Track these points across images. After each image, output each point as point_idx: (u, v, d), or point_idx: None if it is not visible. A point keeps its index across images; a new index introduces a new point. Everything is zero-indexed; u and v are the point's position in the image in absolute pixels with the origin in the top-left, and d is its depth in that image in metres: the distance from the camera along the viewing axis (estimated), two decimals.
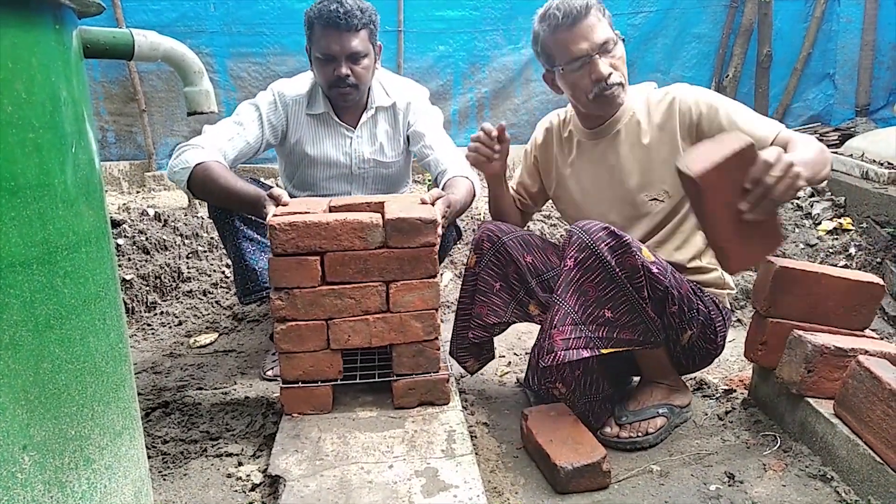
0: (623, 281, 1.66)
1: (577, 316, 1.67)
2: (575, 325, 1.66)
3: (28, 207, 0.92)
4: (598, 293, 1.67)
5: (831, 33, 4.45)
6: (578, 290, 1.67)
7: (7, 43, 0.88)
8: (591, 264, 1.66)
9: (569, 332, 1.66)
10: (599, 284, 1.66)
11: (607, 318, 1.68)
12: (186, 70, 1.25)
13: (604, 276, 1.66)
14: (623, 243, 1.65)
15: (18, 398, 0.93)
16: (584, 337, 1.67)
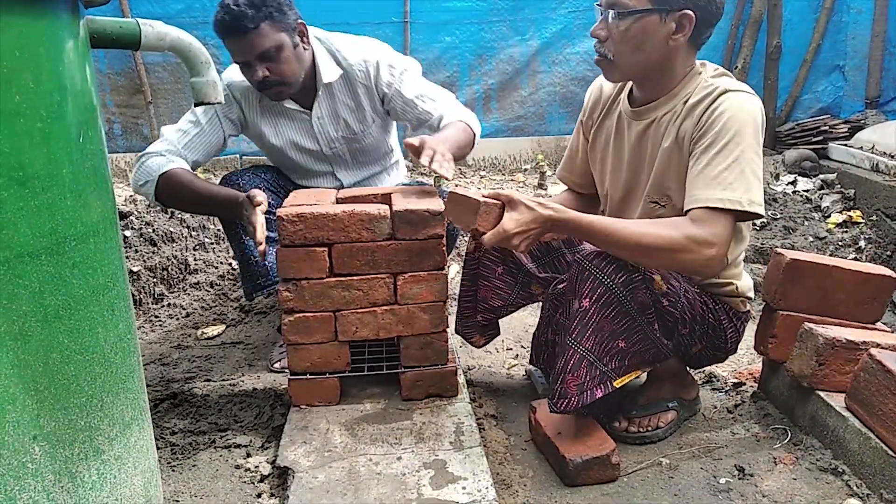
0: (636, 314, 1.62)
1: (591, 356, 1.62)
2: (590, 364, 1.62)
3: (36, 198, 0.92)
4: (612, 327, 1.62)
5: (841, 24, 4.41)
6: (595, 329, 1.61)
7: (15, 33, 0.87)
8: (607, 300, 1.59)
9: (583, 376, 1.62)
10: (614, 319, 1.61)
11: (620, 348, 1.64)
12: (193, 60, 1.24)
13: (619, 311, 1.61)
14: (633, 280, 1.59)
15: (28, 389, 0.93)
16: (597, 375, 1.63)
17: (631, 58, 1.61)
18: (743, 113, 1.54)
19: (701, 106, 1.59)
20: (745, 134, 1.53)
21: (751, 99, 1.57)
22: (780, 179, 3.82)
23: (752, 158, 1.53)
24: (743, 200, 1.51)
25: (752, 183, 1.53)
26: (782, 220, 3.39)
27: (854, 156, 3.78)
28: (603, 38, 1.61)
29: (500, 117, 4.47)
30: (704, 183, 1.53)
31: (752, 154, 1.53)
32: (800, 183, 3.76)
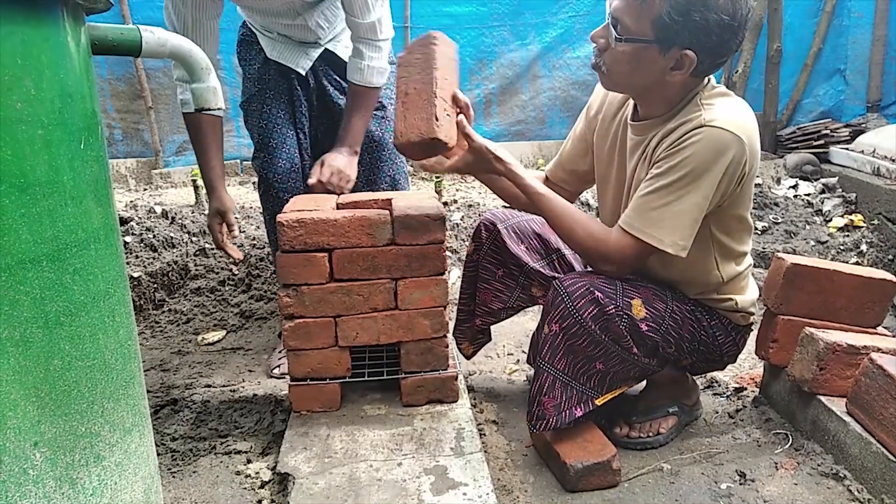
0: (609, 343, 1.62)
1: (565, 377, 1.64)
2: (565, 385, 1.64)
3: (37, 204, 0.92)
4: (585, 352, 1.62)
5: (842, 28, 4.42)
6: (565, 352, 1.63)
7: (16, 40, 0.87)
8: (575, 331, 1.61)
9: (559, 396, 1.64)
10: (587, 346, 1.62)
11: (598, 369, 1.65)
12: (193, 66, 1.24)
13: (590, 341, 1.61)
14: (606, 313, 1.58)
15: (29, 395, 0.93)
16: (575, 394, 1.64)
17: (624, 78, 1.58)
18: (708, 154, 1.49)
19: (674, 134, 1.54)
20: (700, 177, 1.50)
21: (724, 139, 1.49)
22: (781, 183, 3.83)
23: (694, 203, 1.52)
24: (666, 241, 1.54)
25: (685, 226, 1.54)
26: (783, 224, 3.39)
27: (855, 160, 3.78)
28: (602, 46, 1.56)
29: (501, 122, 4.48)
30: (641, 210, 1.56)
31: (696, 198, 1.52)
32: (801, 187, 3.76)
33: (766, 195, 3.59)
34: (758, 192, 3.56)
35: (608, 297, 1.60)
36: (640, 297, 1.64)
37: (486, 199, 3.66)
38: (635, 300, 1.62)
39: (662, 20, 1.44)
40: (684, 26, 1.44)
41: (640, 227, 1.56)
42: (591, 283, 1.61)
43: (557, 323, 1.62)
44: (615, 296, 1.61)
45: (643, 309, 1.63)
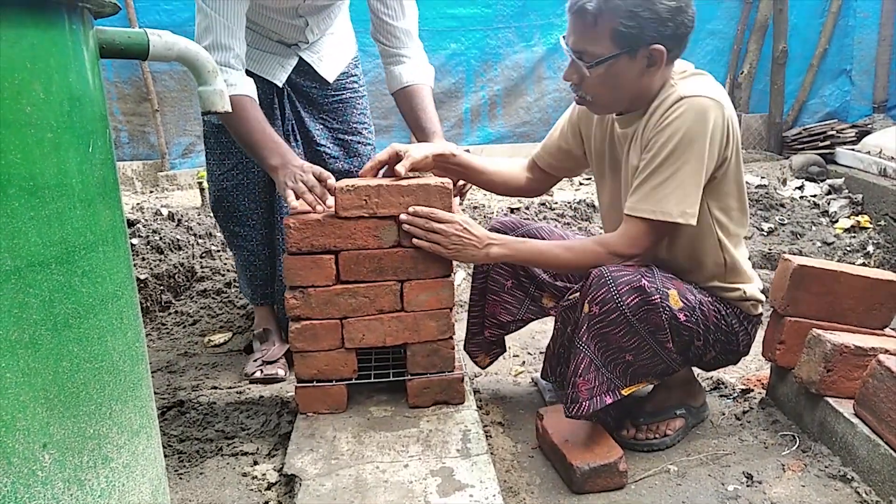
0: (646, 335, 1.62)
1: (598, 361, 1.64)
2: (597, 370, 1.64)
3: (46, 207, 0.92)
4: (620, 342, 1.62)
5: (848, 29, 4.41)
6: (599, 336, 1.62)
7: (26, 44, 0.88)
8: (614, 318, 1.60)
9: (592, 380, 1.64)
10: (623, 337, 1.62)
11: (628, 361, 1.65)
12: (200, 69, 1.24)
13: (627, 330, 1.61)
14: (650, 303, 1.59)
15: (38, 397, 0.94)
16: (605, 381, 1.65)
17: (610, 97, 1.65)
18: (692, 123, 1.55)
19: (656, 115, 1.62)
20: (691, 144, 1.56)
21: (703, 105, 1.56)
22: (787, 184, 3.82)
23: (692, 171, 1.57)
24: (674, 213, 1.59)
25: (688, 194, 1.59)
26: (790, 225, 3.39)
27: (862, 160, 3.77)
28: (577, 80, 1.64)
29: (506, 123, 4.48)
30: (642, 193, 1.61)
31: (693, 165, 1.57)
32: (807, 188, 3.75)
33: (771, 196, 3.58)
34: (763, 194, 3.56)
35: (652, 286, 1.61)
36: (675, 288, 1.66)
37: (492, 202, 3.66)
38: (671, 291, 1.64)
39: (619, 32, 1.53)
40: (640, 27, 1.52)
41: (646, 208, 1.61)
42: (636, 271, 1.62)
43: (598, 305, 1.61)
44: (658, 285, 1.62)
45: (679, 300, 1.64)
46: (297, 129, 2.24)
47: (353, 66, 2.34)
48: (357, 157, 2.31)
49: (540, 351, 2.48)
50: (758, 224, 3.46)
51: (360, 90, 2.36)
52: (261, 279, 2.36)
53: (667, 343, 1.64)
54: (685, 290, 1.68)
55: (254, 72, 2.14)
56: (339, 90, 2.29)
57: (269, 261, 2.34)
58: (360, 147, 2.32)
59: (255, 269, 2.34)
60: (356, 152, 2.31)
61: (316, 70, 2.22)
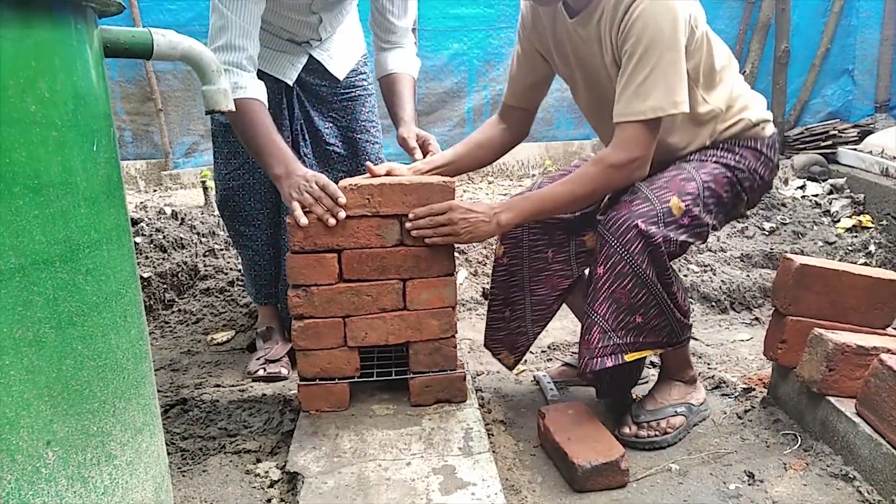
0: (654, 282, 1.65)
1: (606, 324, 1.67)
2: (604, 333, 1.67)
3: (51, 205, 0.93)
4: (630, 300, 1.66)
5: (850, 28, 4.40)
6: (610, 298, 1.66)
7: (31, 42, 0.89)
8: (621, 269, 1.64)
9: (596, 342, 1.67)
10: (631, 291, 1.65)
11: (637, 323, 1.68)
12: (204, 69, 1.25)
13: (635, 283, 1.64)
14: (652, 244, 1.62)
15: (42, 394, 0.94)
16: (610, 345, 1.67)
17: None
18: (657, 15, 1.57)
19: (618, 14, 1.61)
20: (662, 37, 1.57)
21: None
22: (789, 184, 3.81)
23: (671, 61, 1.58)
24: (665, 105, 1.60)
25: (673, 85, 1.60)
26: (791, 224, 3.39)
27: (863, 160, 3.76)
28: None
29: None
30: (627, 97, 1.62)
31: (670, 57, 1.58)
32: (809, 187, 3.75)
33: (773, 196, 3.58)
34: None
35: (651, 223, 1.63)
36: (672, 192, 1.68)
37: (494, 200, 3.66)
38: (671, 199, 1.66)
39: None
40: None
41: (635, 110, 1.61)
42: (629, 214, 1.64)
43: (603, 265, 1.66)
44: (656, 216, 1.64)
45: (680, 203, 1.66)
46: (307, 127, 2.25)
47: (362, 63, 2.34)
48: (364, 156, 2.31)
49: (542, 350, 2.48)
50: (759, 223, 3.46)
51: (369, 88, 2.36)
52: (265, 279, 2.37)
53: (671, 287, 1.68)
54: (682, 184, 1.69)
55: (265, 70, 2.14)
56: (349, 88, 2.29)
57: (273, 260, 2.34)
58: (368, 146, 2.32)
59: (260, 268, 2.35)
60: (364, 150, 2.31)
61: (326, 68, 2.22)
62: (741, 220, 3.44)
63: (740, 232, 3.36)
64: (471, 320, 2.80)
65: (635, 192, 1.69)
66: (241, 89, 1.83)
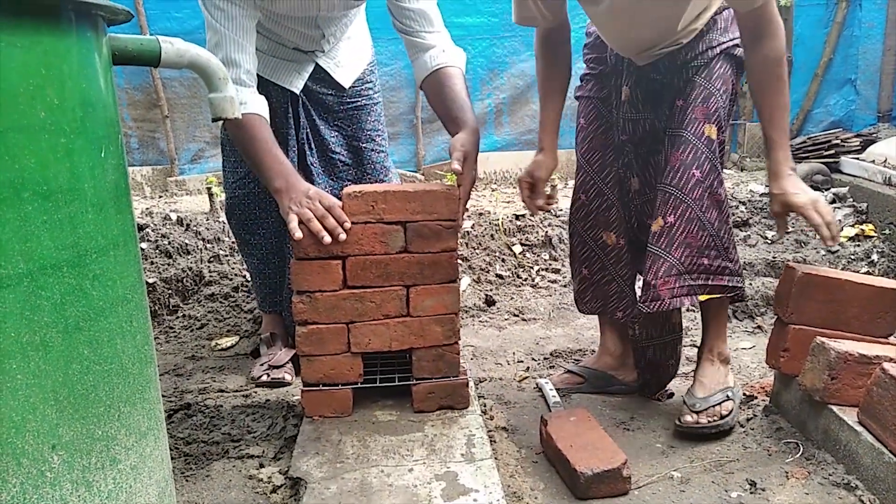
0: (713, 224, 1.82)
1: (682, 267, 1.82)
2: (679, 275, 1.82)
3: (59, 211, 0.94)
4: (698, 242, 1.81)
5: (853, 38, 4.41)
6: (684, 243, 1.81)
7: (40, 50, 0.90)
8: (689, 216, 1.80)
9: (673, 283, 1.82)
10: (698, 234, 1.81)
11: (705, 265, 1.83)
12: (211, 76, 1.26)
13: (700, 226, 1.81)
14: (711, 187, 1.81)
15: (48, 398, 0.95)
16: (686, 286, 1.82)
17: None
18: None
19: None
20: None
21: None
22: None
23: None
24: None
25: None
26: (794, 233, 3.39)
27: (866, 169, 3.77)
28: None
29: (512, 131, 4.50)
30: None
31: None
32: None
33: None
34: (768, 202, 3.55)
35: (701, 165, 1.80)
36: (701, 120, 1.81)
37: (497, 207, 3.67)
38: (705, 128, 1.82)
39: None
40: None
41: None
42: (682, 165, 1.81)
43: (672, 214, 1.82)
44: (702, 154, 1.80)
45: (712, 126, 1.82)
46: (312, 136, 2.25)
47: (369, 72, 2.34)
48: (370, 165, 2.31)
49: (544, 356, 2.49)
50: (762, 232, 3.46)
51: (376, 97, 2.36)
52: (270, 287, 2.38)
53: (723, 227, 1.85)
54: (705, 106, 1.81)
55: (270, 79, 2.15)
56: (355, 97, 2.29)
57: (278, 269, 2.35)
58: (374, 154, 2.33)
59: (265, 277, 2.36)
60: (369, 159, 2.32)
61: (332, 76, 2.23)
62: (743, 229, 3.44)
63: (742, 241, 3.37)
64: (473, 327, 2.81)
65: (672, 140, 1.84)
66: (241, 105, 1.81)
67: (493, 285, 3.10)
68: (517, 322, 2.86)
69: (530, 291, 3.07)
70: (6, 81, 0.86)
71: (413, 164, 4.44)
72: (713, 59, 1.84)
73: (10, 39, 0.86)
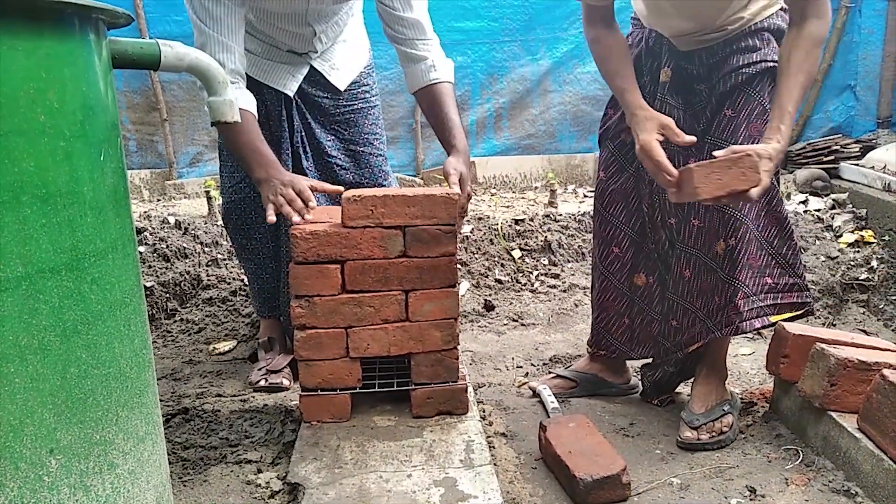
0: (771, 243, 1.86)
1: (748, 289, 1.84)
2: (746, 297, 1.84)
3: (58, 214, 0.94)
4: (758, 263, 1.84)
5: (852, 45, 4.42)
6: (746, 266, 1.83)
7: (41, 54, 0.90)
8: (749, 238, 1.82)
9: (742, 306, 1.83)
10: (757, 254, 1.84)
11: (770, 284, 1.87)
12: (211, 80, 1.26)
13: (759, 246, 1.84)
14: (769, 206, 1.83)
15: (46, 402, 0.95)
16: (755, 308, 1.85)
17: None
18: None
19: None
20: None
21: None
22: (791, 199, 3.82)
23: None
24: None
25: None
26: None
27: (866, 175, 3.77)
28: None
29: (511, 136, 4.49)
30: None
31: None
32: (811, 202, 3.75)
33: None
34: None
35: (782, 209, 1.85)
36: (756, 134, 1.79)
37: (496, 212, 3.67)
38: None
39: None
40: None
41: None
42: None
43: (733, 236, 1.82)
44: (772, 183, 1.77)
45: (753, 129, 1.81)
46: (308, 140, 2.24)
47: (366, 74, 2.33)
48: (368, 169, 2.31)
49: (543, 362, 2.48)
50: None
51: (373, 100, 2.35)
52: (268, 291, 2.37)
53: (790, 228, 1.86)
54: (755, 123, 1.80)
55: (263, 82, 2.15)
56: (352, 100, 2.29)
57: (275, 273, 2.35)
58: (372, 158, 2.32)
59: (262, 281, 2.36)
60: (367, 163, 2.31)
61: (328, 79, 2.22)
62: None
63: None
64: (472, 332, 2.81)
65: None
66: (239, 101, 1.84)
67: (493, 290, 3.10)
68: (516, 327, 2.86)
69: (529, 296, 3.07)
70: (7, 85, 0.86)
71: (412, 168, 4.44)
72: (767, 74, 1.81)
73: (12, 43, 0.86)
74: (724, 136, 1.82)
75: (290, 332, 2.00)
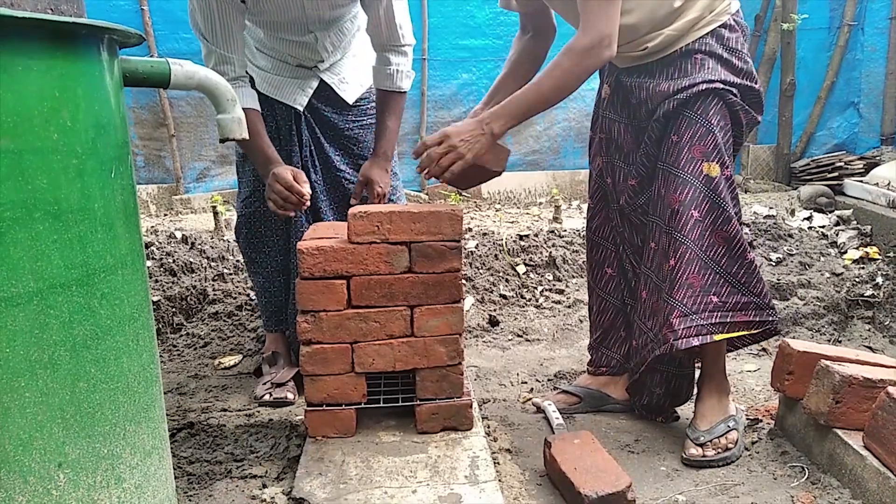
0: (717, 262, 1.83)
1: (686, 308, 1.82)
2: (684, 315, 1.82)
3: (69, 231, 0.95)
4: (700, 281, 1.82)
5: (855, 62, 4.44)
6: (685, 285, 1.82)
7: (55, 73, 0.92)
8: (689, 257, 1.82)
9: (677, 324, 1.82)
10: (699, 273, 1.82)
11: (715, 303, 1.83)
12: (219, 98, 1.28)
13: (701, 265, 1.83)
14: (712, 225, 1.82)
15: (55, 417, 0.96)
16: (694, 326, 1.82)
17: None
18: None
19: None
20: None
21: None
22: (795, 215, 3.82)
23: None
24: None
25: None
26: (798, 255, 3.39)
27: (870, 192, 3.77)
28: None
29: (516, 151, 4.52)
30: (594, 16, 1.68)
31: None
32: (815, 219, 3.76)
33: (780, 227, 3.59)
34: (772, 224, 3.57)
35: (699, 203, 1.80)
36: (698, 159, 1.80)
37: (501, 228, 3.68)
38: (703, 164, 1.81)
39: None
40: None
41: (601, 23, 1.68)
42: (679, 205, 1.80)
43: (673, 257, 1.83)
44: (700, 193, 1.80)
45: (713, 165, 1.81)
46: (316, 154, 2.28)
47: (374, 91, 2.34)
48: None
49: (548, 378, 2.48)
50: (766, 254, 3.46)
51: None
52: (275, 306, 2.38)
53: (746, 254, 1.83)
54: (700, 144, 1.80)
55: (273, 97, 2.19)
56: (361, 116, 2.32)
57: (283, 288, 2.36)
58: None
59: (270, 295, 2.37)
60: None
61: (337, 92, 2.26)
62: None
63: None
64: (477, 347, 2.81)
65: (668, 177, 1.83)
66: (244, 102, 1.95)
67: (497, 305, 3.11)
68: (521, 343, 2.86)
69: (534, 312, 3.07)
70: (22, 104, 0.88)
71: (417, 183, 4.47)
72: (706, 95, 1.81)
73: (27, 63, 0.88)
74: (670, 161, 1.85)
75: (296, 345, 2.02)
